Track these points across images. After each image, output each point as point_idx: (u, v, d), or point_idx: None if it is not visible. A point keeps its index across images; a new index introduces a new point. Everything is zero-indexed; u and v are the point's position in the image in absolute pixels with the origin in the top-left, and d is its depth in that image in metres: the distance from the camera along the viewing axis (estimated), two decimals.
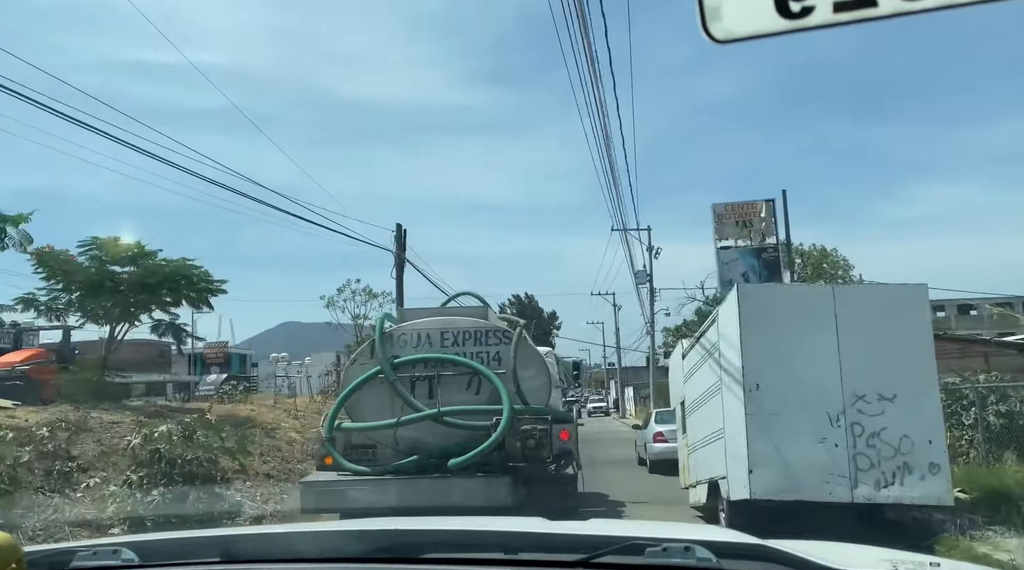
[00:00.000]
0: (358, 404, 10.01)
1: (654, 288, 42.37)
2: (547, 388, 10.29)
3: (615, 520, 2.64)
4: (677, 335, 55.93)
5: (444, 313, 10.94)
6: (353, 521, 6.62)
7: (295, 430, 18.35)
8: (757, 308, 9.20)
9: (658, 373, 56.06)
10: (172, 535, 2.45)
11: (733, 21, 1.09)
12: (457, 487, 9.03)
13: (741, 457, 8.92)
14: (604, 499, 13.82)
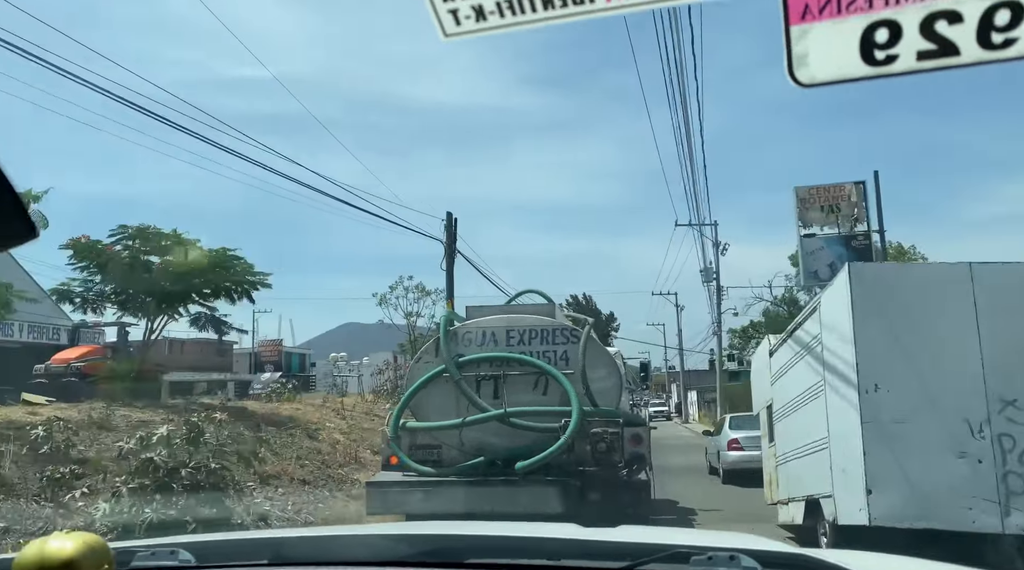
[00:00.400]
0: (423, 403, 10.34)
1: (721, 286, 42.11)
2: (618, 389, 10.47)
3: (657, 528, 2.79)
4: (744, 337, 55.38)
5: (510, 311, 11.25)
6: (399, 524, 6.95)
7: (340, 431, 18.54)
8: (875, 291, 8.14)
9: (724, 376, 54.33)
10: (227, 536, 2.72)
11: (819, 68, 1.22)
12: (525, 491, 9.26)
13: (855, 474, 7.92)
14: (674, 506, 13.97)
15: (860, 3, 1.19)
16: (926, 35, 1.17)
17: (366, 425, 21.09)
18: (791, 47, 1.22)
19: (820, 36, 1.21)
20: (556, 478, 9.42)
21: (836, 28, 1.20)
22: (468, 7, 1.24)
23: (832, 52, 1.21)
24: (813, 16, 1.20)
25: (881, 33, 1.19)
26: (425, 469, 9.90)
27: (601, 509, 9.16)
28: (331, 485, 13.84)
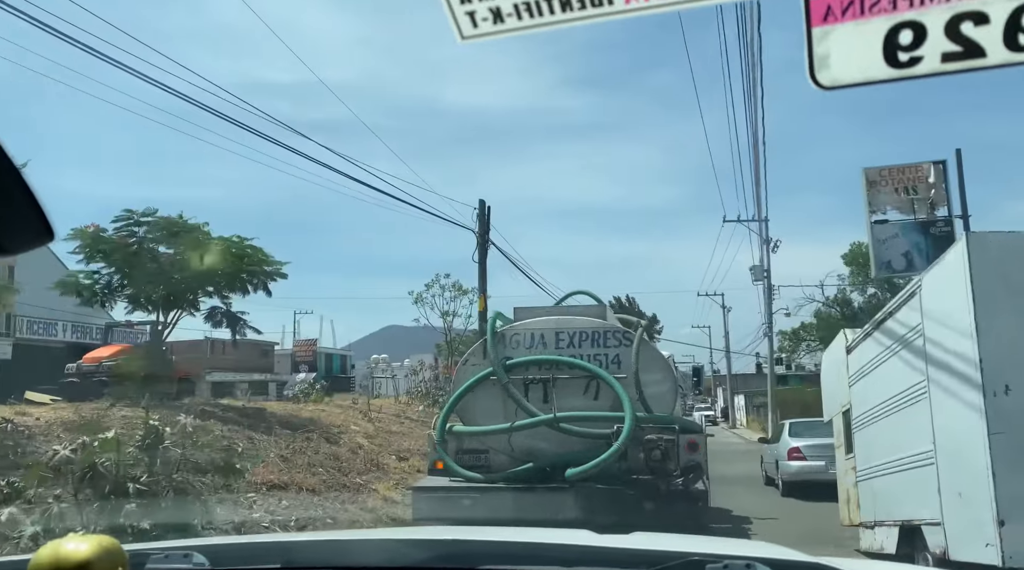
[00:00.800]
0: (469, 407, 10.61)
1: (772, 285, 41.43)
2: (672, 394, 10.67)
3: (671, 535, 2.87)
4: (795, 339, 55.17)
5: (559, 312, 11.46)
6: (412, 528, 7.15)
7: (366, 434, 18.55)
8: (1003, 267, 6.88)
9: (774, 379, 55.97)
10: (241, 540, 2.88)
11: (841, 70, 1.30)
12: (575, 499, 9.43)
13: (978, 499, 6.71)
14: (728, 515, 14.01)
15: (884, 4, 1.26)
16: (951, 37, 1.24)
17: (394, 428, 21.25)
18: (812, 49, 1.29)
19: (842, 38, 1.28)
20: (608, 486, 9.58)
21: (859, 30, 1.27)
22: (485, 9, 1.34)
23: (854, 54, 1.28)
24: (835, 18, 1.27)
25: (905, 35, 1.26)
26: (472, 475, 10.12)
27: (656, 519, 9.24)
28: (344, 495, 13.21)
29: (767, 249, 39.50)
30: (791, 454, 17.91)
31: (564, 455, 9.91)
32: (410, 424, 23.18)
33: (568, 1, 1.34)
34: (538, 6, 1.35)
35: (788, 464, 17.97)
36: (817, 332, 56.05)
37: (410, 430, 21.96)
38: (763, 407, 53.15)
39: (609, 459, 9.56)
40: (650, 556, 2.06)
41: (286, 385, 36.68)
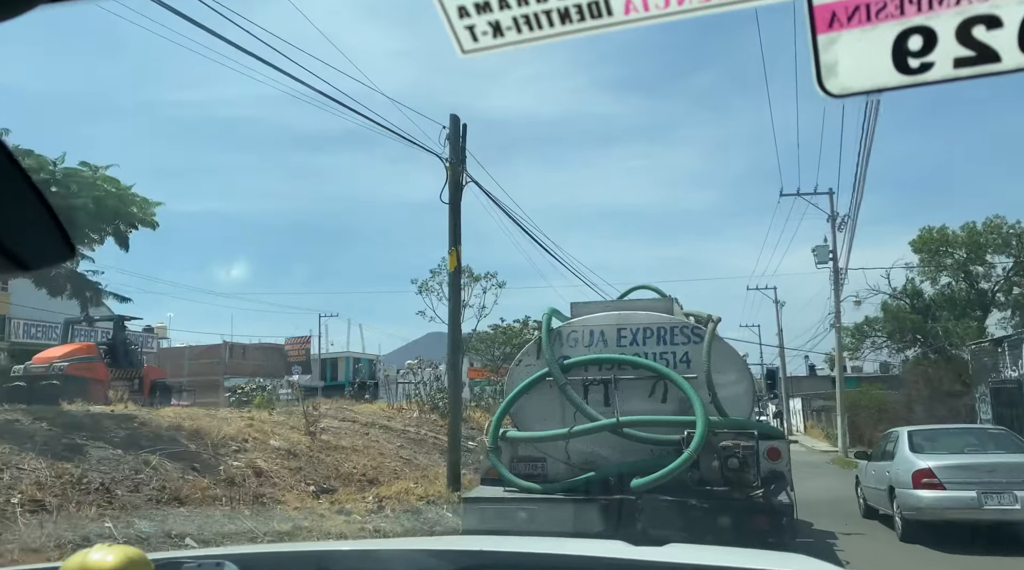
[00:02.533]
0: (524, 411, 10.56)
1: (840, 269, 37.83)
2: (749, 396, 10.53)
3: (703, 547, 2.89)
4: (858, 336, 52.31)
5: (621, 307, 11.27)
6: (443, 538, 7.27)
7: (285, 453, 15.77)
8: None
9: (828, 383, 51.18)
10: (271, 549, 3.03)
11: (849, 77, 1.34)
12: (642, 513, 9.32)
13: None
14: (808, 528, 13.70)
15: (891, 9, 1.30)
16: (963, 41, 1.28)
17: (351, 443, 18.90)
18: (819, 57, 1.34)
19: (849, 45, 1.33)
20: (679, 499, 9.44)
21: (866, 36, 1.32)
22: (485, 23, 1.41)
23: (863, 61, 1.33)
24: (841, 24, 1.32)
25: (914, 40, 1.30)
26: (529, 485, 10.07)
27: (734, 535, 9.11)
28: None
29: (833, 226, 37.05)
30: (919, 479, 13.23)
31: (628, 464, 9.86)
32: (385, 435, 21.44)
33: (567, 13, 1.41)
34: (537, 19, 1.42)
35: (913, 495, 13.23)
36: (884, 327, 53.58)
37: (375, 443, 19.98)
38: (823, 411, 51.96)
39: (679, 468, 9.44)
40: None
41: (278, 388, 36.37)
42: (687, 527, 9.16)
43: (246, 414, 18.65)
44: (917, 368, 44.26)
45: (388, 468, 17.84)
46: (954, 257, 50.60)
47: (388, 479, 16.70)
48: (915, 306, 51.78)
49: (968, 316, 49.36)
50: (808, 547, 11.42)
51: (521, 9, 1.37)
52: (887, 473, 14.58)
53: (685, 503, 9.43)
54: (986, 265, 50.56)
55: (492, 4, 1.37)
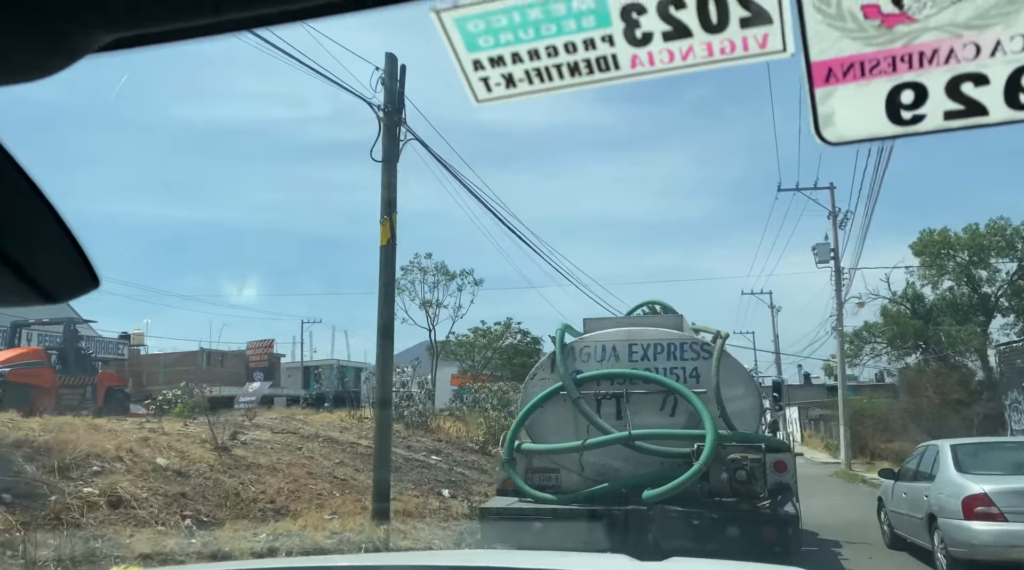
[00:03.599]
0: (538, 423, 10.59)
1: (842, 269, 34.75)
2: (757, 411, 10.52)
3: (705, 561, 2.88)
4: (857, 342, 48.21)
5: (632, 323, 11.36)
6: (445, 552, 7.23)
7: (161, 478, 12.46)
8: None
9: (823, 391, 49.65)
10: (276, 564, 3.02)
11: (846, 127, 1.36)
12: (654, 523, 9.36)
13: None
14: (814, 537, 13.61)
15: (883, 67, 1.32)
16: (952, 96, 1.30)
17: (262, 460, 15.20)
18: (816, 108, 1.37)
19: (845, 98, 1.35)
20: (689, 509, 9.45)
21: (861, 90, 1.34)
22: (499, 76, 1.44)
23: (858, 113, 1.35)
24: (837, 79, 1.34)
25: (907, 94, 1.32)
26: (544, 495, 10.09)
27: (741, 545, 9.13)
28: None
29: (834, 222, 34.42)
30: (972, 507, 10.32)
31: (640, 475, 9.87)
32: (327, 449, 17.93)
33: (576, 67, 1.43)
34: (548, 72, 1.45)
35: (964, 527, 10.32)
36: (885, 333, 50.03)
37: (307, 460, 16.42)
38: (820, 420, 49.12)
39: (690, 480, 9.45)
40: None
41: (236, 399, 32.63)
42: (697, 537, 9.18)
43: (156, 425, 15.74)
44: (924, 375, 40.24)
45: (310, 491, 14.37)
46: (956, 260, 47.60)
47: (305, 506, 13.46)
48: (916, 311, 48.95)
49: (971, 321, 46.27)
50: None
51: (533, 63, 1.40)
52: (924, 497, 11.50)
53: (695, 514, 9.44)
54: (990, 268, 47.52)
55: (505, 58, 1.40)
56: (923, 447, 13.43)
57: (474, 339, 49.15)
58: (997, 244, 46.23)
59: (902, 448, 32.52)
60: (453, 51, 1.40)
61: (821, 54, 1.34)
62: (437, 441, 23.04)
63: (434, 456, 20.81)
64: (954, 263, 47.48)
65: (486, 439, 23.82)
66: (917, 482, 12.35)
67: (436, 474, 18.85)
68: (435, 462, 20.07)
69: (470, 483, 19.11)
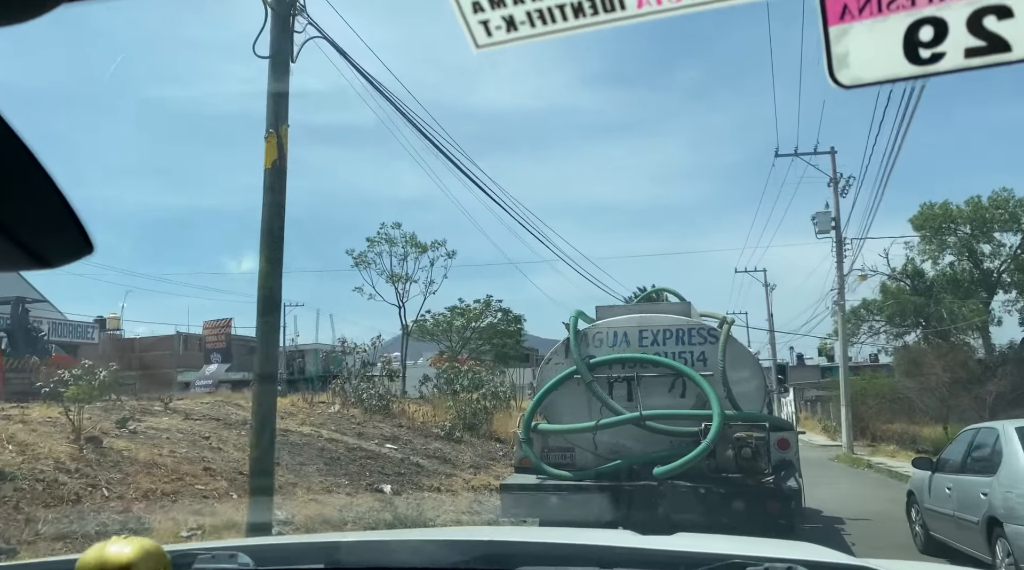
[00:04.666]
0: (554, 405, 10.69)
1: (843, 239, 31.67)
2: (762, 392, 10.55)
3: (710, 536, 2.84)
4: (855, 320, 43.62)
5: (642, 310, 11.43)
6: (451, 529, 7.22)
7: None
8: None
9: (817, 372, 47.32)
10: (283, 540, 2.96)
11: (861, 68, 1.26)
12: (664, 498, 9.46)
13: None
14: (818, 515, 13.58)
15: (902, 1, 1.22)
16: (973, 31, 1.19)
17: (142, 455, 12.37)
18: (831, 48, 1.26)
19: (861, 36, 1.24)
20: (697, 485, 9.52)
21: (877, 27, 1.23)
22: (499, 18, 1.34)
23: (874, 52, 1.24)
24: (852, 16, 1.23)
25: (925, 31, 1.21)
26: (560, 472, 10.20)
27: (746, 518, 9.24)
28: None
29: (835, 190, 31.45)
30: None
31: (650, 453, 9.91)
32: (235, 439, 14.62)
33: (580, 7, 1.34)
34: (551, 13, 1.35)
35: None
36: (884, 310, 46.06)
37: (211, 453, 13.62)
38: (818, 402, 46.86)
39: (697, 457, 9.49)
40: (691, 558, 2.06)
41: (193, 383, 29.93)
42: (704, 511, 9.27)
43: (17, 410, 13.47)
44: (929, 352, 35.79)
45: (192, 494, 11.53)
46: (957, 234, 44.03)
47: (169, 516, 10.54)
48: (916, 288, 45.38)
49: (972, 297, 43.14)
50: None
51: (535, 4, 1.30)
52: (982, 496, 8.81)
53: (702, 489, 9.51)
54: (993, 242, 44.07)
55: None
56: (972, 430, 10.68)
57: (451, 318, 44.92)
58: (1000, 217, 42.97)
59: (904, 430, 31.18)
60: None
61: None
62: (397, 427, 20.45)
63: (389, 444, 18.07)
64: (955, 237, 44.26)
65: (454, 424, 21.76)
66: (968, 475, 9.68)
67: (384, 465, 16.10)
68: (387, 451, 17.36)
69: (424, 475, 16.16)
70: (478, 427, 22.64)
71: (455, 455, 18.99)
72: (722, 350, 10.09)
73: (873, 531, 12.46)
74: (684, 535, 2.64)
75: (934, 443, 25.26)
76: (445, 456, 18.63)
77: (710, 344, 10.25)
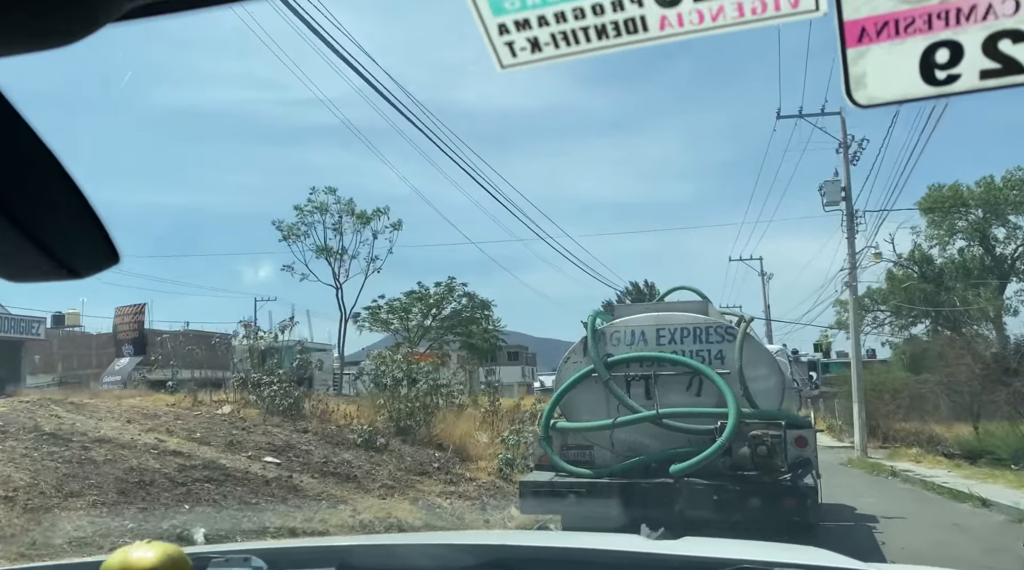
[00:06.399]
0: (572, 403, 10.70)
1: (855, 210, 27.64)
2: (779, 390, 10.47)
3: (717, 540, 2.87)
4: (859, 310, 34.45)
5: (660, 308, 11.38)
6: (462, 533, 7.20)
7: None
8: None
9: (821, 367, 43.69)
10: (295, 544, 2.98)
11: (878, 89, 1.27)
12: (681, 495, 9.45)
13: None
14: (851, 513, 13.44)
15: (919, 24, 1.23)
16: (989, 54, 1.20)
17: None
18: (848, 69, 1.27)
19: (878, 58, 1.26)
20: (713, 482, 9.51)
21: (894, 49, 1.24)
22: (524, 39, 1.36)
23: (891, 73, 1.26)
24: (870, 39, 1.25)
25: (942, 53, 1.22)
26: (579, 470, 10.20)
27: (762, 516, 9.20)
28: None
29: (846, 156, 27.71)
30: None
31: (668, 451, 9.92)
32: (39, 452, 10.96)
33: (603, 29, 1.35)
34: (575, 35, 1.37)
35: None
36: (890, 299, 42.44)
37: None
38: (819, 399, 39.35)
39: (713, 455, 9.50)
40: (696, 563, 2.07)
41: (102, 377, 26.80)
42: (720, 508, 9.27)
43: None
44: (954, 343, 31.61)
45: None
46: (968, 219, 41.04)
47: None
48: (926, 275, 41.97)
49: (984, 285, 39.89)
50: None
51: (560, 26, 1.32)
52: None
53: (718, 486, 9.49)
54: (1008, 225, 41.00)
55: (532, 22, 1.32)
56: None
57: (409, 304, 39.10)
58: (1015, 198, 39.55)
59: (919, 430, 27.85)
60: (478, 14, 1.33)
61: (855, 12, 1.25)
62: (302, 432, 15.62)
63: (270, 458, 13.37)
64: (966, 222, 41.31)
65: (386, 427, 17.45)
66: None
67: (234, 491, 11.61)
68: (258, 469, 12.66)
69: (293, 504, 11.69)
70: (413, 431, 17.84)
71: (369, 469, 14.55)
72: (739, 348, 10.06)
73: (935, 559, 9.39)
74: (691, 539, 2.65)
75: (961, 445, 23.67)
76: (351, 472, 14.00)
77: (727, 342, 10.22)
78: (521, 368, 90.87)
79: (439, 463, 16.53)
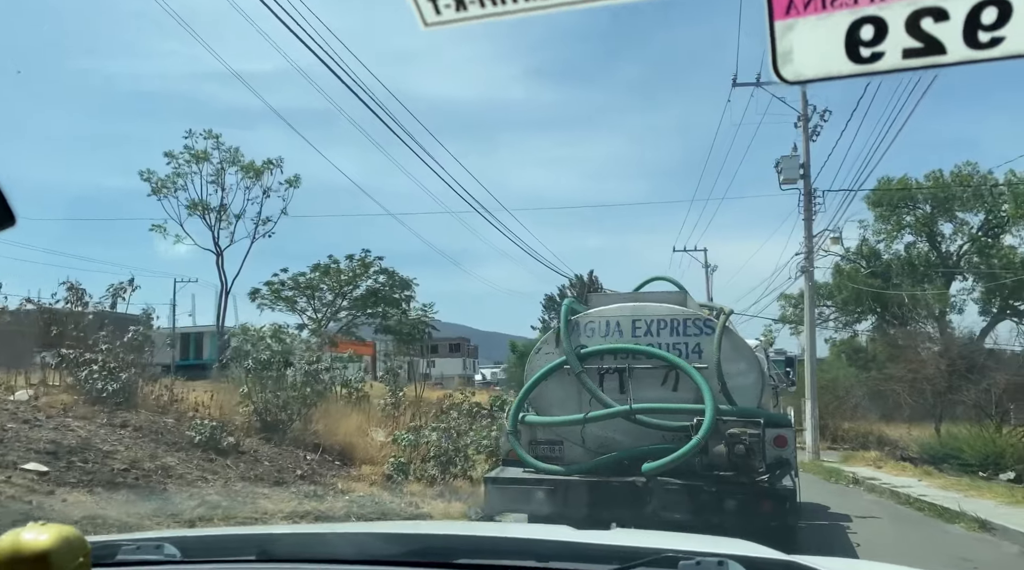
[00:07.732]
0: (542, 397, 10.54)
1: (813, 189, 26.44)
2: (758, 386, 10.37)
3: (646, 531, 2.96)
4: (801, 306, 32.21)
5: (636, 299, 11.22)
6: (388, 522, 7.16)
7: None
8: None
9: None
10: (212, 532, 2.95)
11: (804, 65, 1.30)
12: (653, 494, 9.35)
13: None
14: (824, 511, 13.56)
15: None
16: (912, 33, 1.23)
17: None
18: (775, 43, 1.30)
19: (805, 32, 1.29)
20: (688, 482, 9.44)
21: (821, 24, 1.28)
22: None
23: (817, 48, 1.29)
24: (798, 11, 1.28)
25: (866, 30, 1.26)
26: (548, 466, 10.09)
27: (738, 518, 9.12)
28: None
29: (805, 130, 26.52)
30: None
31: (641, 448, 9.83)
32: None
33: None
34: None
35: None
36: (838, 294, 42.20)
37: None
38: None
39: (688, 453, 9.40)
40: (624, 552, 2.11)
41: None
42: (695, 509, 9.18)
43: None
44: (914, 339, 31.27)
45: None
46: (915, 214, 41.60)
47: None
48: (874, 270, 41.96)
49: (930, 283, 40.57)
50: None
51: None
52: None
53: (693, 486, 9.41)
54: (956, 221, 41.65)
55: None
56: None
57: (317, 280, 35.45)
58: (962, 194, 40.02)
59: (868, 430, 28.09)
60: None
61: None
62: (118, 427, 12.58)
63: (34, 464, 10.08)
64: (914, 217, 41.90)
65: (248, 423, 15.28)
66: None
67: None
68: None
69: None
70: (285, 426, 15.43)
71: (195, 478, 11.64)
72: (718, 342, 9.97)
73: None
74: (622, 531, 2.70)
75: (922, 448, 23.35)
76: (162, 484, 11.07)
77: (706, 335, 10.12)
78: (463, 360, 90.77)
79: (306, 469, 14.00)
